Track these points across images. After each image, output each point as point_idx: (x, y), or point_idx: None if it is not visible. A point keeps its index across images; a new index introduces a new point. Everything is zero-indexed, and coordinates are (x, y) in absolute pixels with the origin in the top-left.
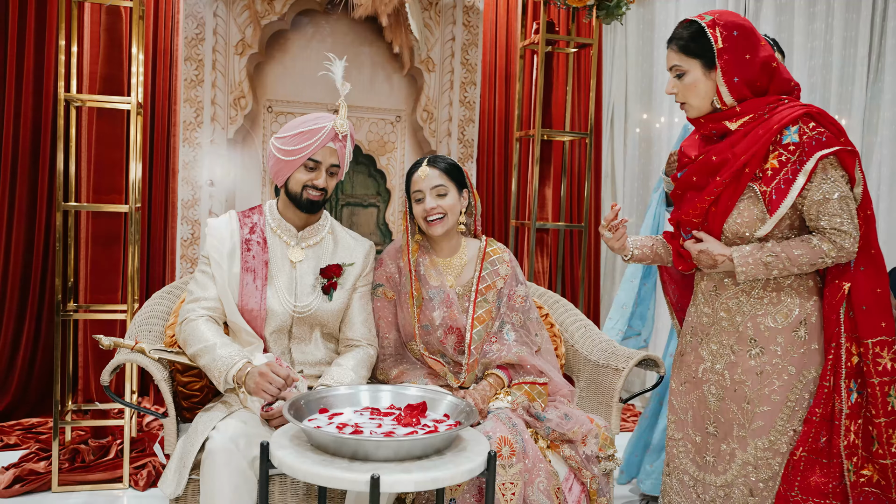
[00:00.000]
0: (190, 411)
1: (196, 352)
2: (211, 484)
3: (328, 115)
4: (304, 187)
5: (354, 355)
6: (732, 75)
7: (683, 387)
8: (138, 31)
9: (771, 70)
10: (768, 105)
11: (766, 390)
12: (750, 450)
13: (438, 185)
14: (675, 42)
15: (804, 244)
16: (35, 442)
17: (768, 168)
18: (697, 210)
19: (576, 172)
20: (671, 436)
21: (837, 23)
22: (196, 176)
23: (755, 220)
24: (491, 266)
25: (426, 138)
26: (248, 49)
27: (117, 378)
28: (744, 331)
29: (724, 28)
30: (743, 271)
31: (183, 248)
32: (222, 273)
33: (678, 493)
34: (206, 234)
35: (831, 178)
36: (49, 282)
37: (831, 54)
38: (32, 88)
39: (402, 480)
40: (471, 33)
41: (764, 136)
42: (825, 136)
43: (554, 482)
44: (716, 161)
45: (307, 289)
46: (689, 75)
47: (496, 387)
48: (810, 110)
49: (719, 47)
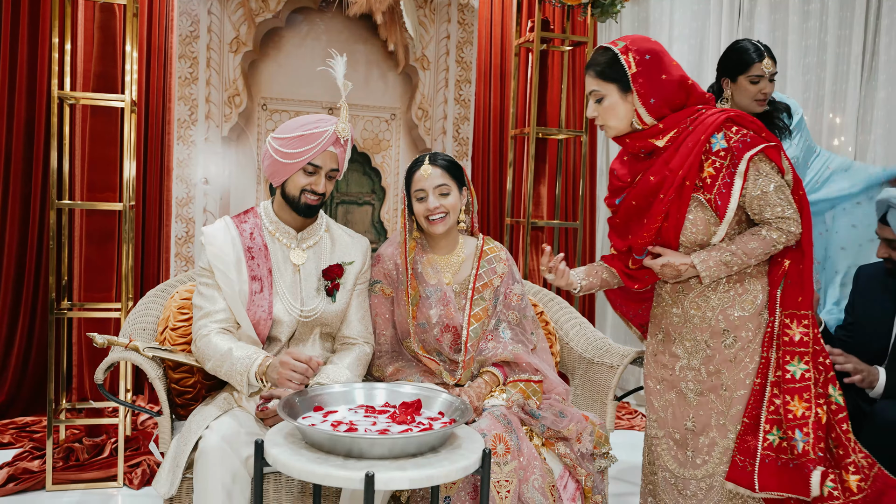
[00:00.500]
0: (184, 408)
1: (215, 364)
2: (203, 483)
3: (329, 118)
4: (303, 192)
5: (350, 353)
6: (649, 97)
7: (661, 385)
8: (132, 29)
9: (688, 87)
10: (689, 117)
11: (742, 374)
12: (730, 436)
13: (441, 184)
14: (592, 68)
15: (756, 237)
16: (29, 441)
17: (706, 176)
18: (651, 231)
19: (571, 170)
20: (654, 434)
21: (831, 21)
22: (190, 174)
23: (708, 224)
24: (488, 264)
25: (421, 136)
26: (242, 47)
27: (112, 376)
28: (716, 324)
29: (637, 53)
30: (707, 274)
31: (177, 246)
32: (231, 284)
33: (664, 491)
34: (205, 245)
35: (763, 172)
36: (43, 280)
37: (825, 52)
38: (26, 86)
39: (397, 478)
40: (466, 31)
41: (694, 147)
42: (749, 137)
43: (549, 480)
44: (654, 181)
45: (311, 292)
46: (607, 99)
47: (491, 384)
48: (730, 115)
49: (633, 72)
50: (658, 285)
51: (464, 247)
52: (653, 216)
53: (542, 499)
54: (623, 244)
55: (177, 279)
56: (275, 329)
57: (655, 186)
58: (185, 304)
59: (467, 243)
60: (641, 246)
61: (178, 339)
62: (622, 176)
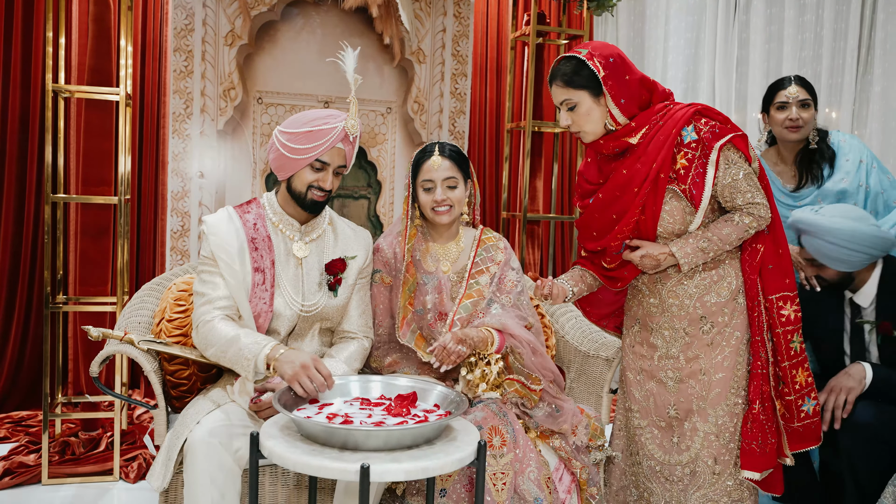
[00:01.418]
0: (179, 400)
1: (218, 350)
2: (193, 477)
3: (338, 115)
4: (310, 188)
5: (347, 347)
6: (619, 97)
7: (640, 376)
8: (127, 22)
9: (649, 84)
10: (658, 114)
11: (719, 357)
12: (711, 419)
13: (450, 176)
14: (559, 78)
15: (729, 223)
16: (25, 435)
17: (679, 168)
18: (630, 225)
19: (566, 164)
20: (637, 425)
21: (828, 14)
22: (186, 168)
23: (684, 214)
24: (485, 252)
25: (417, 130)
26: (237, 40)
27: (107, 370)
28: (693, 311)
29: (601, 57)
30: (686, 262)
31: (173, 239)
32: (234, 274)
33: (649, 479)
34: (208, 234)
35: (733, 161)
36: (38, 274)
37: (821, 46)
38: (20, 79)
39: (392, 470)
40: (462, 24)
41: (666, 140)
42: (717, 128)
43: (544, 472)
44: (626, 174)
45: (313, 286)
46: (581, 106)
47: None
48: (698, 108)
49: (603, 75)
50: (636, 278)
51: (463, 237)
52: (630, 210)
53: (537, 491)
54: (596, 244)
55: (172, 273)
56: (274, 322)
57: (627, 179)
58: (182, 296)
59: (467, 234)
60: (620, 241)
61: (174, 331)
62: (592, 178)
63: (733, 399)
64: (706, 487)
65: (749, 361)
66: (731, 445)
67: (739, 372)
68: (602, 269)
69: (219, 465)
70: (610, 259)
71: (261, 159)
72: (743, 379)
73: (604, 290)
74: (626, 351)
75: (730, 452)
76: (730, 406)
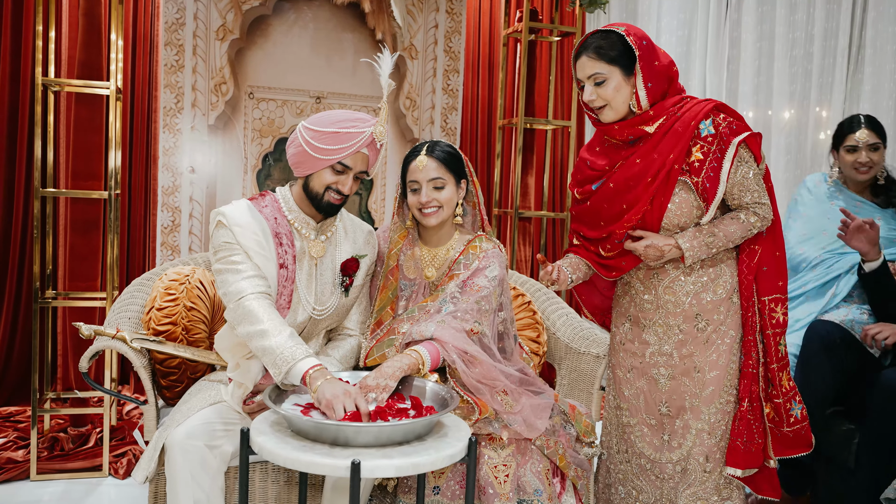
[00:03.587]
0: (169, 390)
1: (249, 332)
2: (172, 474)
3: (367, 119)
4: (327, 189)
5: (344, 345)
6: (647, 80)
7: (631, 374)
8: (118, 16)
9: (672, 75)
10: (675, 105)
11: (714, 355)
12: (703, 416)
13: (436, 177)
14: (593, 50)
15: (735, 221)
16: (13, 430)
17: (694, 160)
18: (638, 215)
19: (558, 161)
20: (626, 423)
21: (818, 13)
22: (176, 162)
23: (692, 208)
24: (465, 259)
25: (409, 126)
26: (229, 34)
27: (97, 365)
28: (689, 309)
29: (637, 38)
30: (690, 255)
31: (163, 235)
32: (267, 267)
33: (638, 477)
34: (230, 226)
35: (744, 159)
36: (27, 269)
37: (812, 44)
38: (9, 73)
39: (383, 466)
40: (454, 21)
41: (684, 132)
42: (735, 125)
43: (545, 465)
44: (642, 164)
45: (326, 287)
46: (610, 82)
47: (412, 365)
48: (716, 104)
49: (639, 54)
50: (630, 273)
51: (457, 242)
52: (642, 200)
53: (539, 484)
54: (598, 232)
55: (161, 268)
56: (287, 321)
57: (642, 169)
58: (172, 286)
59: (461, 239)
60: (626, 230)
61: (164, 320)
62: (598, 165)
63: (726, 397)
64: (696, 485)
65: (741, 360)
66: (723, 444)
67: (732, 370)
68: (597, 258)
69: (201, 465)
70: (610, 247)
71: (252, 154)
72: (735, 377)
73: (598, 278)
74: (615, 348)
75: (721, 451)
76: (722, 404)
